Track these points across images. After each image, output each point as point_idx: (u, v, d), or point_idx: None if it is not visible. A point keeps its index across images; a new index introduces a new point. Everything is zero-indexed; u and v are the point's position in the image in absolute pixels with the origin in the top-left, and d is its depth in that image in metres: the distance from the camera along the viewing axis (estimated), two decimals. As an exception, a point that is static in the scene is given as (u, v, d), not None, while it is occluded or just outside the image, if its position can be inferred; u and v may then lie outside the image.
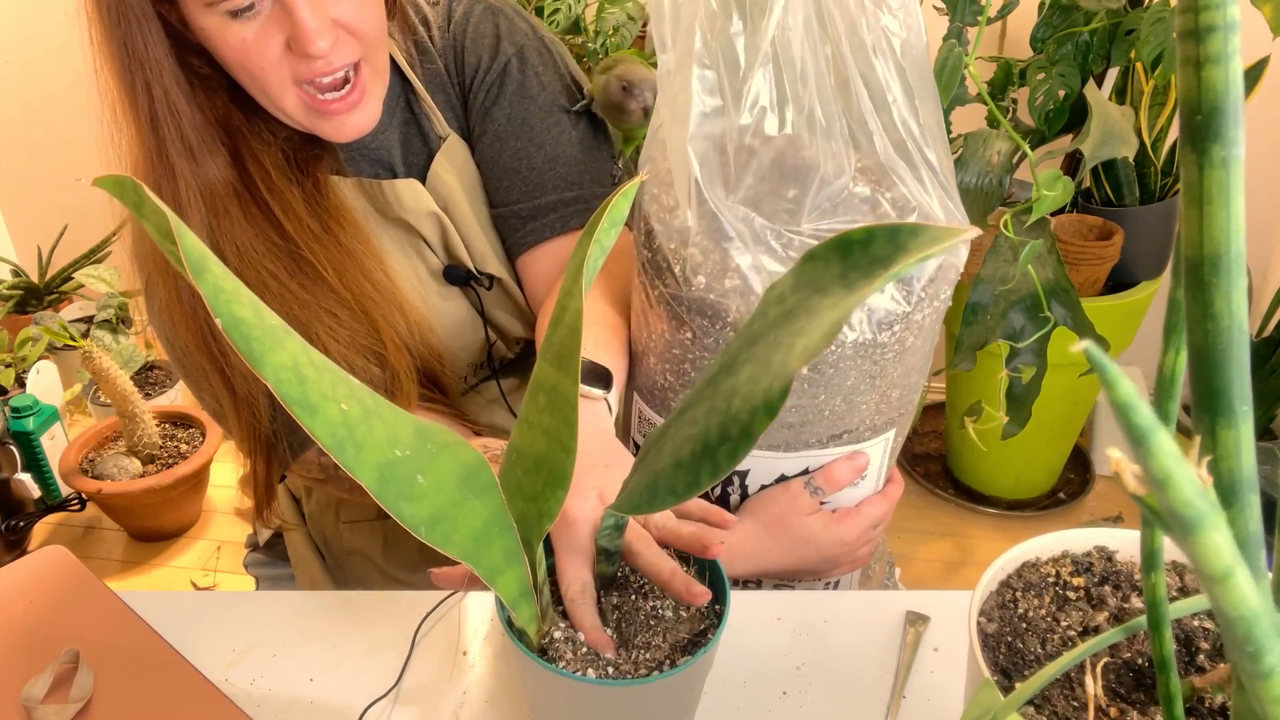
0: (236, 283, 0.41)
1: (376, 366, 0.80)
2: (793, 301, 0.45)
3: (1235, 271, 0.25)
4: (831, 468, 0.73)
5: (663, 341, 0.73)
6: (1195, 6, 0.24)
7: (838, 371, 0.68)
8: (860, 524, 0.76)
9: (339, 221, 0.80)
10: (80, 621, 0.72)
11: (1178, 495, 0.21)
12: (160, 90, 0.73)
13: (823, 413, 0.70)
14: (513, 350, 0.96)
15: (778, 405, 0.41)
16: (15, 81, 2.31)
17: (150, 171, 0.75)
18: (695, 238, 0.67)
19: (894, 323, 0.67)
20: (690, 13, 0.67)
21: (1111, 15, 1.47)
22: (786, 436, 0.72)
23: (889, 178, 0.67)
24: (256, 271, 0.77)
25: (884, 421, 0.73)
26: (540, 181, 0.85)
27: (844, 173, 0.66)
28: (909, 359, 0.70)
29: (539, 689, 0.56)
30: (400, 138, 0.86)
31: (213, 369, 0.79)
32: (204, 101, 0.76)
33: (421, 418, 0.81)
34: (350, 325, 0.79)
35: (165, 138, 0.74)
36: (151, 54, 0.71)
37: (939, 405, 2.17)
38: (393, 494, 0.44)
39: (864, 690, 0.67)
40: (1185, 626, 0.51)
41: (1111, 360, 0.21)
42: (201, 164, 0.76)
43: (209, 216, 0.76)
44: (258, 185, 0.78)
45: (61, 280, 2.41)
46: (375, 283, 0.81)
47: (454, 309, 0.88)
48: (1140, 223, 1.74)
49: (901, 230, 0.41)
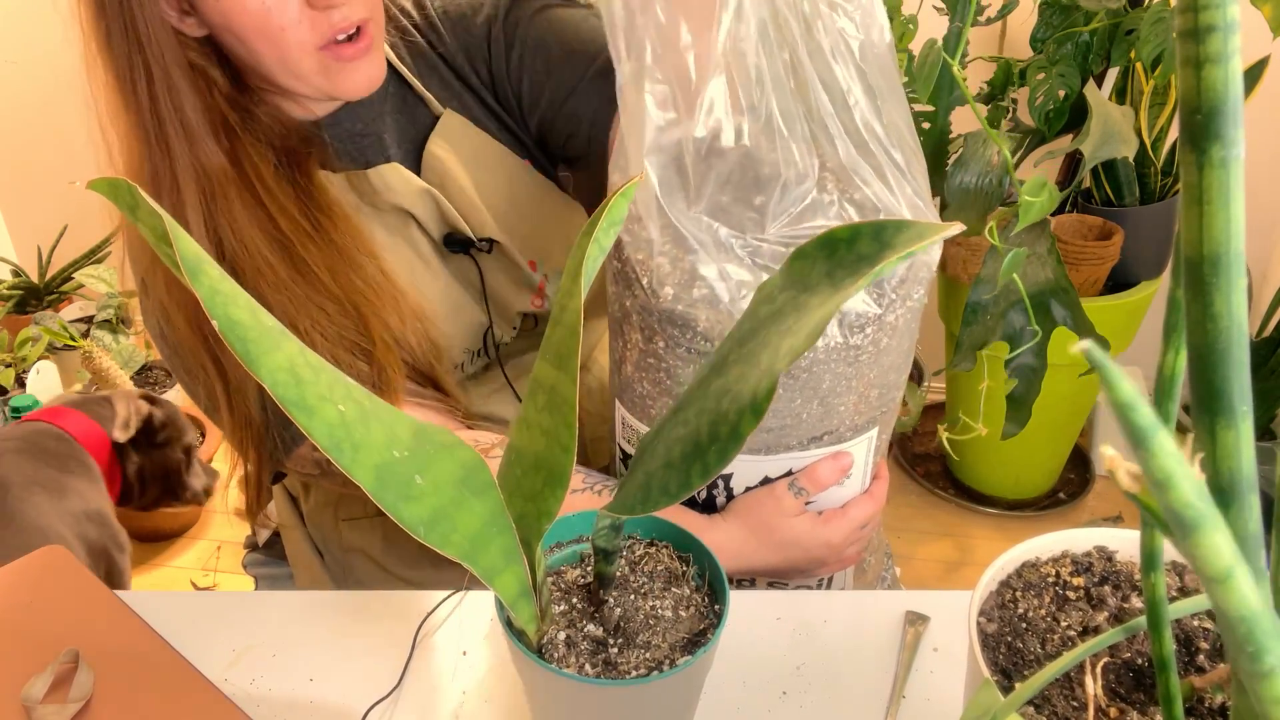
0: (233, 284, 0.41)
1: (364, 362, 0.80)
2: (781, 300, 0.45)
3: (1235, 271, 0.25)
4: (815, 468, 0.73)
5: (637, 351, 0.73)
6: (1195, 6, 0.24)
7: (812, 375, 0.68)
8: (846, 526, 0.76)
9: (331, 219, 0.81)
10: (80, 621, 0.72)
11: (1178, 496, 0.21)
12: (161, 71, 0.73)
13: (800, 416, 0.70)
14: (513, 328, 0.96)
15: (764, 405, 0.41)
16: (15, 81, 2.31)
17: (148, 156, 0.76)
18: (660, 248, 0.67)
19: (866, 325, 0.67)
20: (643, 24, 0.67)
21: (1111, 15, 1.47)
22: (767, 440, 0.71)
23: (854, 180, 0.67)
24: (253, 259, 0.78)
25: (865, 421, 0.73)
26: (591, 51, 0.87)
27: (808, 177, 0.66)
28: (885, 359, 0.70)
29: (539, 689, 0.56)
30: (393, 123, 0.88)
31: (210, 361, 0.80)
32: (202, 91, 0.76)
33: (410, 411, 0.82)
34: (339, 321, 0.79)
35: (164, 118, 0.74)
36: (154, 34, 0.72)
37: (939, 405, 2.17)
38: (391, 495, 0.44)
39: (864, 690, 0.67)
40: (1185, 626, 0.51)
41: (1112, 360, 0.21)
42: (199, 147, 0.76)
43: (205, 200, 0.77)
44: (252, 181, 0.79)
45: (61, 280, 2.41)
46: (367, 279, 0.81)
47: (450, 290, 0.89)
48: (1140, 223, 1.74)
49: (886, 227, 0.41)
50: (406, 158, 0.88)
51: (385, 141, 0.87)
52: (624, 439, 0.80)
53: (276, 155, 0.80)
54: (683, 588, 0.58)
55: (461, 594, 0.75)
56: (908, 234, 0.41)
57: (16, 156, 2.41)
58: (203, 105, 0.76)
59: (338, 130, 0.85)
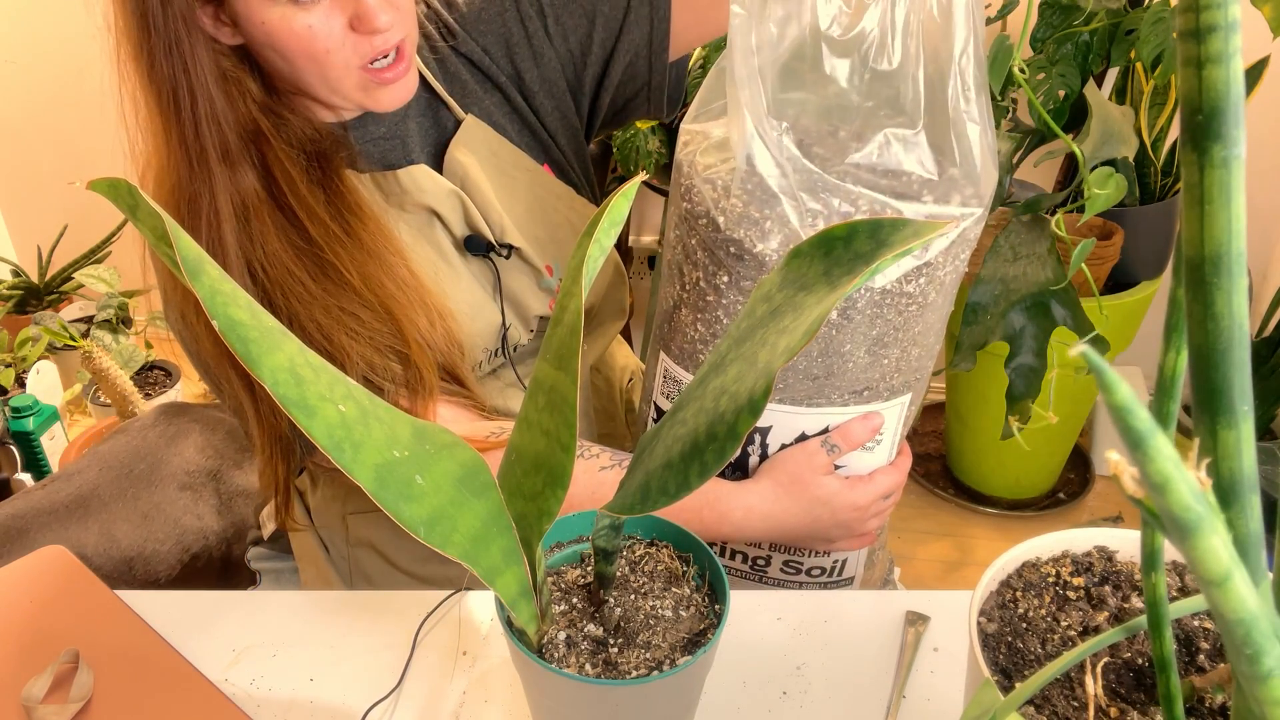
0: (233, 285, 0.41)
1: (398, 364, 0.81)
2: (779, 299, 0.45)
3: (1236, 271, 0.25)
4: (848, 426, 0.75)
5: (696, 291, 0.74)
6: (1196, 6, 0.24)
7: (865, 319, 0.69)
8: (873, 490, 0.78)
9: (361, 220, 0.82)
10: (80, 621, 0.72)
11: (1176, 499, 0.21)
12: (205, 96, 0.75)
13: (846, 364, 0.72)
14: (530, 330, 0.97)
15: (761, 405, 0.41)
16: (15, 81, 2.31)
17: (190, 181, 0.76)
18: (739, 180, 0.69)
19: (920, 274, 0.69)
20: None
21: (1111, 15, 1.47)
22: (810, 390, 0.73)
23: (949, 132, 0.69)
24: (285, 279, 0.79)
25: (901, 383, 0.75)
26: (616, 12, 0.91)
27: (917, 119, 0.68)
28: (929, 315, 0.72)
29: (539, 689, 0.56)
30: (417, 127, 0.89)
31: (236, 375, 0.81)
32: (235, 101, 0.78)
33: (443, 407, 0.82)
34: (372, 326, 0.80)
35: (207, 145, 0.76)
36: (197, 59, 0.73)
37: (939, 405, 2.17)
38: (391, 494, 0.44)
39: (864, 690, 0.67)
40: (1185, 626, 0.51)
41: (1109, 363, 0.21)
42: (237, 171, 0.78)
43: (241, 225, 0.78)
44: (283, 190, 0.80)
45: (61, 280, 2.41)
46: (398, 280, 0.83)
47: (472, 290, 0.90)
48: (1140, 223, 1.74)
49: (883, 225, 0.41)
50: (429, 162, 0.89)
51: (409, 145, 0.88)
52: (662, 394, 0.81)
53: (307, 159, 0.82)
54: (683, 588, 0.58)
55: (461, 594, 0.75)
56: (904, 232, 0.41)
57: (16, 156, 2.41)
58: (236, 118, 0.77)
59: (362, 133, 0.87)
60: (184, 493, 1.13)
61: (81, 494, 1.06)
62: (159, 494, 1.11)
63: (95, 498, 1.07)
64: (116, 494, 1.08)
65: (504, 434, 0.82)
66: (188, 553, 1.09)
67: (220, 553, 1.13)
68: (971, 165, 0.68)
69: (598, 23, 0.92)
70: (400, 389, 0.81)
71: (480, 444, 0.79)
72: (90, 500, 1.06)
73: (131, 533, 1.05)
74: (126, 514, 1.07)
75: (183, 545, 1.09)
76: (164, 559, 1.06)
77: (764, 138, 0.67)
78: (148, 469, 1.13)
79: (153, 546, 1.06)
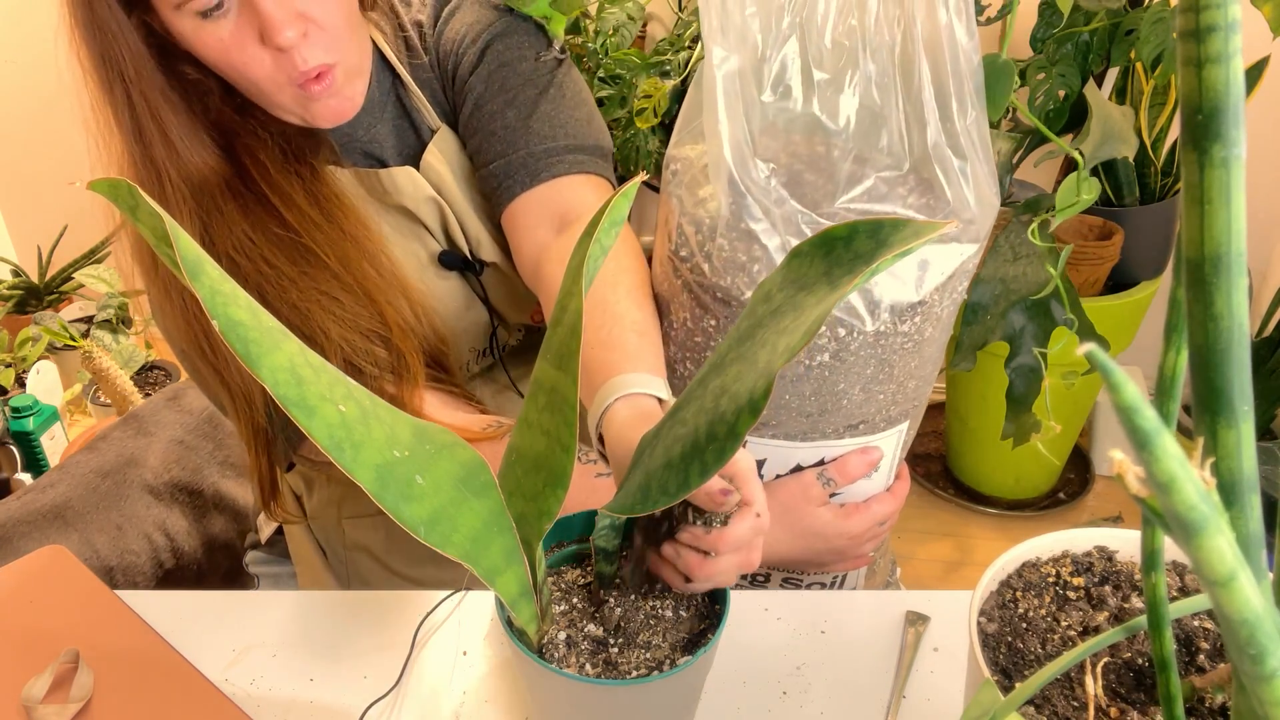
0: (233, 285, 0.41)
1: (381, 348, 0.80)
2: (779, 299, 0.45)
3: (1236, 271, 0.25)
4: (845, 460, 0.74)
5: (684, 330, 0.74)
6: (1196, 6, 0.24)
7: (858, 360, 0.69)
8: (868, 519, 0.77)
9: (340, 209, 0.82)
10: (80, 621, 0.72)
11: (1181, 499, 0.21)
12: (140, 98, 0.74)
13: (841, 402, 0.71)
14: (514, 337, 0.96)
15: (761, 404, 0.41)
16: (15, 81, 2.30)
17: (135, 175, 0.77)
18: (726, 224, 0.68)
19: (914, 313, 0.68)
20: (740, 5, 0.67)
21: (1111, 15, 1.47)
22: (804, 426, 0.72)
23: (934, 168, 0.68)
24: (255, 264, 0.78)
25: (899, 413, 0.74)
26: (513, 139, 0.85)
27: (904, 160, 0.67)
28: (926, 350, 0.71)
29: (539, 689, 0.56)
30: (393, 130, 0.88)
31: (206, 366, 0.80)
32: (194, 105, 0.77)
33: (431, 396, 0.82)
34: (352, 309, 0.80)
35: (150, 142, 0.75)
36: (131, 64, 0.73)
37: (939, 405, 2.17)
38: (391, 495, 0.44)
39: (864, 690, 0.67)
40: (1185, 626, 0.51)
41: (1115, 363, 0.21)
42: (189, 164, 0.77)
43: (200, 214, 0.78)
44: (255, 180, 0.79)
45: (61, 280, 2.41)
46: (378, 267, 0.82)
47: (455, 292, 0.89)
48: (1140, 223, 1.74)
49: (883, 225, 0.41)
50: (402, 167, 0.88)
51: (383, 148, 0.88)
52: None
53: (282, 150, 0.81)
54: (683, 588, 0.58)
55: (461, 594, 0.75)
56: (904, 232, 0.41)
57: (16, 157, 2.41)
58: (191, 124, 0.77)
59: (336, 133, 0.86)
60: (154, 506, 1.12)
61: (56, 505, 1.06)
62: (128, 507, 1.11)
63: (70, 509, 1.07)
64: (90, 506, 1.08)
65: (502, 426, 0.82)
66: (162, 568, 1.09)
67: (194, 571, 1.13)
68: (963, 201, 0.67)
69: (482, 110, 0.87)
70: (385, 374, 0.80)
71: (477, 435, 0.79)
72: (65, 511, 1.06)
73: (109, 544, 1.05)
74: (102, 525, 1.07)
75: (157, 560, 1.09)
76: (141, 570, 1.06)
77: (746, 183, 0.66)
78: (113, 485, 1.12)
79: (129, 558, 1.06)
